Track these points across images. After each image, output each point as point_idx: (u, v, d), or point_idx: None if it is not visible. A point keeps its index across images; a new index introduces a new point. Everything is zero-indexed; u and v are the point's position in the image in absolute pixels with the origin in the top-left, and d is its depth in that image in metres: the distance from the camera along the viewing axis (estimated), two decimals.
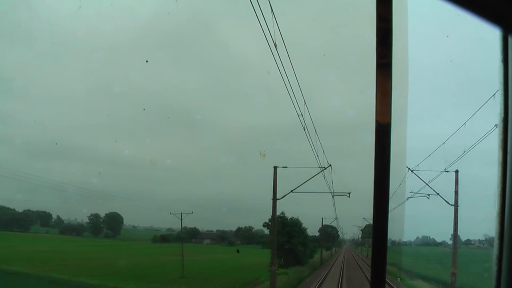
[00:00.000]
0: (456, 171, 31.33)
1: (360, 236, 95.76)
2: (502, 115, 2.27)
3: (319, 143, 26.43)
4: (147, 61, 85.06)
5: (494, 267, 2.25)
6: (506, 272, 2.18)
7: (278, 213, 34.84)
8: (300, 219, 45.79)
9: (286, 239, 42.44)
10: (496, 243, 2.24)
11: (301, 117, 20.16)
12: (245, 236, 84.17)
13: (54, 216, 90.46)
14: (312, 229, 66.47)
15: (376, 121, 2.44)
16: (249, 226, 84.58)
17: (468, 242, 78.40)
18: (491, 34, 2.18)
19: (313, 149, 25.08)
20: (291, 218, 44.52)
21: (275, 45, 14.06)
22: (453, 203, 31.21)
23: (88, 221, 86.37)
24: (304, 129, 21.74)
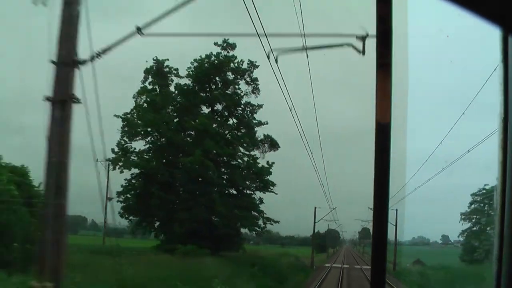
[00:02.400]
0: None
1: (357, 237, 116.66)
2: (502, 115, 2.26)
3: (321, 155, 28.45)
4: (146, 61, 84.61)
5: (494, 267, 2.24)
6: (506, 272, 2.17)
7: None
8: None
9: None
10: (496, 243, 2.24)
11: (302, 135, 21.19)
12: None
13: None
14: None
15: (376, 121, 2.44)
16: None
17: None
18: (491, 34, 2.17)
19: (314, 166, 27.02)
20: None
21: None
22: None
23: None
24: (306, 147, 23.11)
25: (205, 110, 38.83)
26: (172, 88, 38.01)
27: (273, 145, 38.97)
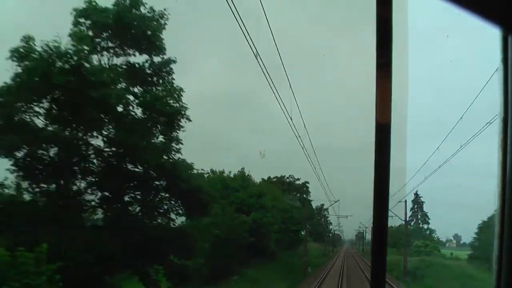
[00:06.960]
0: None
1: (354, 239, 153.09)
2: (502, 115, 2.26)
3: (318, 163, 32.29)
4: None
5: (494, 267, 2.24)
6: (506, 272, 2.17)
7: None
8: None
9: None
10: (496, 243, 2.24)
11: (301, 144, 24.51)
12: None
13: None
14: None
15: (376, 121, 2.43)
16: None
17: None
18: (491, 34, 2.17)
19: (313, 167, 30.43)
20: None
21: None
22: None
23: None
24: (306, 155, 26.41)
25: None
26: None
27: None
